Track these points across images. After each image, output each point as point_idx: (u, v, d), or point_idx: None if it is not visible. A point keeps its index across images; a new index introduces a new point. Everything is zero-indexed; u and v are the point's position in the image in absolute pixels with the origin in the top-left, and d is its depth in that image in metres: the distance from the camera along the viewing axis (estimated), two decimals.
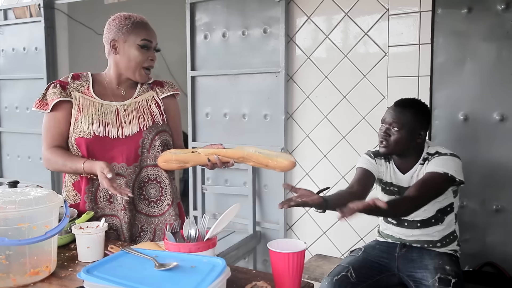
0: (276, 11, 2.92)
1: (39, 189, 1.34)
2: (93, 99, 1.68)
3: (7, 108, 4.16)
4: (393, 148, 1.99)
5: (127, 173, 1.66)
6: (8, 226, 1.20)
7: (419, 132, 2.00)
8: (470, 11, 2.39)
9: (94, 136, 1.62)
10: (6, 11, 4.06)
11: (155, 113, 1.72)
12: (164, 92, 1.77)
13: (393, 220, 2.11)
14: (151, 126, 1.68)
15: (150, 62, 1.70)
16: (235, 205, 1.28)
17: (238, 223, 3.16)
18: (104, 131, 1.63)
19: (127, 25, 1.67)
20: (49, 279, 1.27)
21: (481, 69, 2.39)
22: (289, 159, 1.53)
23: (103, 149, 1.63)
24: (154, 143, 1.68)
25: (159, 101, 1.75)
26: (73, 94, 1.68)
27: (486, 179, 2.03)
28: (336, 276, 1.95)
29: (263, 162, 1.53)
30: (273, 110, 3.00)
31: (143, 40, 1.67)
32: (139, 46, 1.66)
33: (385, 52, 2.62)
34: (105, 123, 1.64)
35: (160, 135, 1.70)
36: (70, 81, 1.71)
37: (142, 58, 1.68)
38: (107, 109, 1.67)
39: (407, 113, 1.99)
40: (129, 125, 1.66)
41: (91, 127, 1.63)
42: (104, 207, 1.68)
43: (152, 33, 1.71)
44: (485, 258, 2.39)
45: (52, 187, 3.88)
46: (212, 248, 1.21)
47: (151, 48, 1.69)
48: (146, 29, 1.69)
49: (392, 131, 1.99)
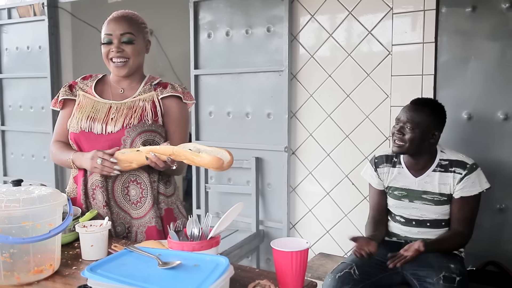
0: (279, 9, 2.92)
1: (43, 188, 1.34)
2: (93, 97, 1.74)
3: (11, 107, 4.17)
4: (407, 147, 1.99)
5: None
6: (12, 225, 1.20)
7: (433, 132, 2.01)
8: (474, 9, 2.38)
9: (80, 131, 1.68)
10: (10, 10, 4.07)
11: (146, 112, 1.69)
12: (163, 93, 1.73)
13: (401, 218, 2.11)
14: (135, 125, 1.66)
15: (112, 53, 1.69)
16: (238, 203, 1.28)
17: (241, 222, 3.16)
18: (90, 127, 1.67)
19: (104, 23, 1.73)
20: (53, 277, 1.27)
21: (485, 68, 2.38)
22: (214, 155, 1.44)
23: (88, 144, 1.68)
24: (135, 142, 1.65)
25: (156, 102, 1.72)
26: (78, 93, 1.77)
27: (490, 178, 2.02)
28: (339, 273, 1.95)
29: (189, 159, 1.48)
30: (277, 109, 2.99)
31: (104, 35, 1.70)
32: (101, 42, 1.71)
33: (389, 51, 2.62)
34: (92, 119, 1.68)
35: (144, 134, 1.66)
36: (79, 81, 1.81)
37: (105, 50, 1.70)
38: (101, 107, 1.71)
39: (422, 112, 1.99)
40: (113, 122, 1.67)
41: (80, 122, 1.68)
42: (91, 202, 1.71)
43: (115, 25, 1.69)
44: (489, 257, 2.38)
45: (56, 185, 3.89)
46: (215, 246, 1.22)
47: (112, 41, 1.69)
48: (110, 24, 1.70)
49: (406, 130, 1.98)
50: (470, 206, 1.99)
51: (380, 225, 2.14)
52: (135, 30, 1.71)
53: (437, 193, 2.01)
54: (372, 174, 2.16)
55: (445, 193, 2.00)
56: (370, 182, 2.19)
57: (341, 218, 2.85)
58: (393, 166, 2.11)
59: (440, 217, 2.04)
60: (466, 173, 1.97)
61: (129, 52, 1.69)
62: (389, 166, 2.11)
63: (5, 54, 4.15)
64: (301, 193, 3.00)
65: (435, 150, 2.04)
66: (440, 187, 2.00)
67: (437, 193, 2.01)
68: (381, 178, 2.14)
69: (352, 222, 2.81)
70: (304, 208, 2.99)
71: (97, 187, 1.67)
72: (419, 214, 2.05)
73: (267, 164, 3.07)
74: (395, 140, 2.01)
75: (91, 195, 1.70)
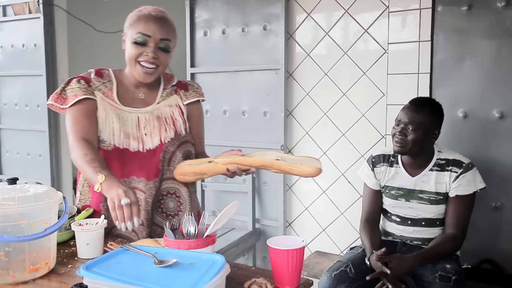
0: (276, 8, 2.91)
1: (38, 186, 1.34)
2: (114, 103, 1.57)
3: (6, 105, 4.15)
4: (410, 148, 1.98)
5: (147, 188, 1.56)
6: (7, 223, 1.20)
7: (433, 131, 2.01)
8: (470, 8, 2.39)
9: (114, 148, 1.53)
10: (5, 8, 4.05)
11: (178, 122, 1.61)
12: (188, 98, 1.66)
13: (396, 218, 2.11)
14: (173, 138, 1.57)
15: (145, 57, 1.51)
16: (234, 202, 1.28)
17: (237, 220, 3.16)
18: (125, 143, 1.53)
19: (132, 18, 1.54)
20: (49, 275, 1.27)
21: (481, 67, 2.39)
22: (313, 165, 1.43)
23: (122, 162, 1.54)
24: (175, 156, 1.58)
25: (182, 108, 1.64)
26: (95, 93, 1.57)
27: (486, 177, 2.03)
28: (335, 271, 1.96)
29: (286, 170, 1.44)
30: (273, 107, 2.99)
31: (138, 33, 1.50)
32: (133, 40, 1.51)
33: (385, 49, 2.62)
34: (125, 134, 1.53)
35: (182, 147, 1.60)
36: (94, 77, 1.59)
37: (136, 52, 1.51)
38: (127, 117, 1.55)
39: (422, 112, 1.99)
40: (149, 137, 1.55)
41: (112, 138, 1.53)
42: None
43: (157, 28, 1.50)
44: (484, 255, 2.40)
45: (52, 184, 3.88)
46: (211, 245, 1.21)
47: (149, 44, 1.51)
48: (148, 22, 1.50)
49: (408, 131, 1.98)
50: (464, 206, 2.00)
51: (375, 228, 2.14)
52: (172, 36, 1.56)
53: (434, 192, 2.01)
54: (368, 174, 2.16)
55: (441, 192, 2.00)
56: (366, 181, 2.19)
57: (337, 216, 2.86)
58: (390, 166, 2.11)
59: (435, 216, 2.04)
60: (462, 171, 1.97)
61: (162, 60, 1.54)
62: (386, 165, 2.11)
63: (0, 52, 4.13)
64: (297, 191, 3.00)
65: (432, 150, 2.05)
66: (437, 186, 2.01)
67: (433, 192, 2.01)
68: (377, 178, 2.14)
69: (348, 220, 2.81)
70: (300, 206, 3.00)
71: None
72: (414, 214, 2.06)
73: None
74: (397, 141, 1.99)
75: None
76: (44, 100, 3.86)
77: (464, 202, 1.99)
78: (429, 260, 1.93)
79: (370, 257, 1.94)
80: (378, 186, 2.15)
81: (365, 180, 2.20)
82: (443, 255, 1.96)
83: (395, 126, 2.04)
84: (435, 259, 1.94)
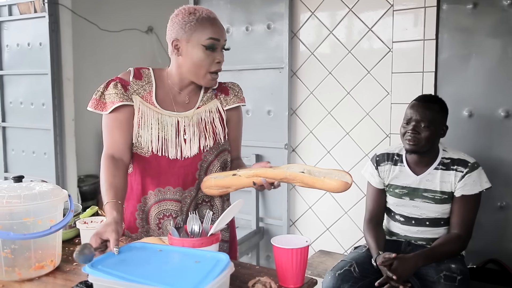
0: (280, 6, 2.91)
1: (44, 184, 1.35)
2: (154, 107, 1.49)
3: (12, 103, 4.17)
4: (423, 145, 1.97)
5: (182, 197, 1.53)
6: (13, 221, 1.21)
7: (442, 128, 2.03)
8: (476, 6, 2.38)
9: (151, 154, 1.47)
10: (10, 7, 4.07)
11: (218, 130, 1.54)
12: (229, 103, 1.59)
13: (400, 217, 2.11)
14: (212, 147, 1.52)
15: (217, 65, 1.46)
16: (238, 201, 1.28)
17: (241, 219, 3.16)
18: (163, 151, 1.47)
19: (191, 22, 1.43)
20: (54, 273, 1.27)
21: (486, 65, 2.38)
22: (340, 179, 1.33)
23: (159, 170, 1.49)
24: (213, 165, 1.54)
25: (223, 114, 1.58)
26: (134, 98, 1.49)
27: (491, 176, 2.02)
28: (339, 271, 1.95)
29: (309, 183, 1.36)
30: (277, 106, 2.99)
31: (209, 39, 1.42)
32: (204, 47, 1.42)
33: (390, 48, 2.62)
34: (164, 140, 1.47)
35: (220, 156, 1.55)
36: (132, 80, 1.50)
37: (208, 60, 1.44)
38: (167, 122, 1.49)
39: (433, 109, 1.99)
40: (188, 144, 1.49)
41: (150, 144, 1.47)
42: (154, 230, 1.55)
43: (220, 29, 1.46)
44: (489, 255, 2.39)
45: (57, 181, 3.90)
46: (215, 243, 1.22)
47: (218, 48, 1.45)
48: (213, 26, 1.44)
49: (421, 128, 1.97)
50: (470, 206, 1.99)
51: (379, 227, 2.14)
52: None
53: (439, 191, 2.01)
54: (372, 173, 2.16)
55: (446, 191, 2.00)
56: (369, 180, 2.19)
57: (341, 215, 2.85)
58: (395, 164, 2.10)
59: (439, 216, 2.04)
60: (468, 171, 1.97)
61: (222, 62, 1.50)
62: (391, 164, 2.11)
63: (5, 50, 4.16)
64: (301, 190, 3.00)
65: (437, 148, 2.04)
66: (442, 185, 2.00)
67: (438, 191, 2.01)
68: (381, 177, 2.13)
69: (352, 219, 2.81)
70: (304, 205, 3.00)
71: (168, 217, 1.52)
72: (419, 213, 2.05)
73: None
74: (410, 139, 1.97)
75: (156, 223, 1.54)
76: (49, 99, 3.88)
77: (470, 202, 1.99)
78: (432, 259, 1.92)
79: (377, 258, 1.94)
80: (382, 185, 2.15)
81: (368, 179, 2.19)
82: (447, 255, 1.95)
83: (404, 125, 2.03)
84: (439, 258, 1.94)
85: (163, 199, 1.52)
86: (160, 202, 1.52)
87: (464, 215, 1.99)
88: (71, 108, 4.02)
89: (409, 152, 2.03)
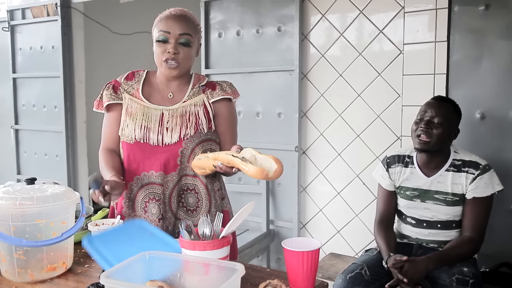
0: (290, 9, 2.91)
1: (56, 186, 1.36)
2: (141, 101, 1.65)
3: (25, 106, 4.21)
4: (434, 143, 1.95)
5: (164, 181, 1.61)
6: (26, 222, 1.22)
7: (454, 130, 2.02)
8: (488, 8, 2.36)
9: (135, 142, 1.61)
10: (24, 10, 4.12)
11: (201, 120, 1.62)
12: (214, 96, 1.66)
13: (412, 220, 2.10)
14: (192, 135, 1.60)
15: (168, 54, 1.57)
16: (249, 203, 1.28)
17: (251, 221, 3.16)
18: (145, 137, 1.60)
19: (155, 20, 1.63)
20: (66, 275, 1.28)
21: (498, 67, 2.36)
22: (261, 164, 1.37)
23: (143, 156, 1.61)
24: (194, 153, 1.61)
25: (208, 106, 1.65)
26: (123, 96, 1.67)
27: (503, 179, 2.00)
28: (350, 274, 1.94)
29: (238, 168, 1.41)
30: (287, 108, 2.99)
31: (159, 31, 1.58)
32: (156, 39, 1.60)
33: (401, 50, 2.60)
34: (146, 129, 1.60)
35: (202, 144, 1.62)
36: (123, 81, 1.69)
37: (160, 50, 1.58)
38: (152, 113, 1.62)
39: (447, 108, 1.99)
40: (170, 132, 1.60)
41: (133, 132, 1.61)
42: (140, 215, 1.64)
43: (174, 23, 1.58)
44: (502, 258, 2.36)
45: (68, 184, 3.93)
46: (226, 246, 1.22)
47: (168, 40, 1.57)
48: (167, 20, 1.59)
49: (434, 124, 1.96)
50: (482, 208, 1.97)
51: (390, 229, 2.13)
52: (193, 31, 1.61)
53: (450, 193, 1.99)
54: (383, 174, 2.15)
55: (458, 193, 1.98)
56: (380, 182, 2.18)
57: (352, 218, 2.84)
58: (405, 166, 2.09)
59: (451, 218, 2.02)
60: (479, 173, 1.95)
61: (184, 54, 1.59)
62: (401, 166, 2.10)
63: (19, 54, 4.20)
64: (312, 192, 2.99)
65: (448, 150, 2.03)
66: (453, 187, 1.98)
67: (449, 193, 1.99)
68: (392, 179, 2.12)
69: (363, 222, 2.79)
70: (314, 208, 2.99)
71: (152, 200, 1.62)
72: (430, 215, 2.04)
73: None
74: (421, 135, 1.96)
75: (142, 207, 1.63)
76: (61, 101, 3.92)
77: (482, 204, 1.97)
78: (444, 262, 1.90)
79: (387, 260, 1.92)
80: (393, 187, 2.14)
81: (379, 181, 2.18)
82: (460, 258, 1.93)
83: (417, 121, 2.01)
84: (451, 261, 1.92)
85: (148, 183, 1.62)
86: (145, 186, 1.62)
87: (476, 217, 1.96)
88: (82, 111, 4.05)
89: (419, 151, 2.02)
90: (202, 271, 1.09)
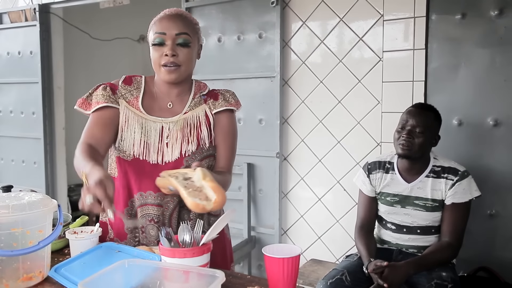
0: (271, 16, 2.93)
1: (33, 194, 1.33)
2: (139, 112, 1.50)
3: (2, 112, 4.14)
4: (415, 151, 1.99)
5: (164, 202, 1.49)
6: (1, 231, 1.19)
7: (435, 137, 2.06)
8: (464, 16, 2.41)
9: (133, 159, 1.47)
10: (1, 15, 4.06)
11: (203, 134, 1.50)
12: (216, 107, 1.54)
13: (392, 225, 2.12)
14: (194, 152, 1.48)
15: (166, 58, 1.44)
16: (229, 210, 1.28)
17: (233, 228, 3.13)
18: (144, 155, 1.46)
19: (151, 22, 1.49)
20: (43, 284, 1.26)
21: (475, 75, 2.41)
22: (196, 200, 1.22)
23: (140, 175, 1.47)
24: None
25: (210, 118, 1.53)
26: (120, 102, 1.51)
27: (481, 184, 2.04)
28: (330, 280, 1.95)
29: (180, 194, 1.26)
30: (268, 114, 3.00)
31: (155, 34, 1.44)
32: (152, 43, 1.46)
33: (380, 57, 2.64)
34: (146, 145, 1.46)
35: (204, 161, 1.50)
36: (121, 85, 1.53)
37: (157, 55, 1.45)
38: (151, 127, 1.48)
39: (428, 116, 2.03)
40: (170, 149, 1.46)
41: (132, 148, 1.46)
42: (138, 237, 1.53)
43: (169, 23, 1.44)
44: (480, 263, 2.39)
45: (46, 191, 3.87)
46: (207, 253, 1.21)
47: (165, 42, 1.44)
48: (161, 21, 1.46)
49: (416, 133, 1.99)
50: (460, 214, 2.00)
51: (370, 235, 2.15)
52: (191, 31, 1.48)
53: (430, 199, 2.02)
54: (364, 181, 2.17)
55: (437, 199, 2.01)
56: (361, 188, 2.20)
57: (333, 224, 2.86)
58: (386, 172, 2.11)
59: (430, 224, 2.05)
60: (458, 179, 1.98)
61: (183, 56, 1.45)
62: (382, 172, 2.12)
63: None
64: (293, 199, 3.00)
65: (428, 157, 2.06)
66: (432, 192, 2.01)
67: (429, 199, 2.02)
68: (373, 184, 2.14)
69: (344, 228, 2.81)
70: (296, 214, 3.00)
71: (150, 222, 1.49)
72: (410, 221, 2.06)
73: (259, 170, 3.07)
74: (403, 144, 1.99)
75: (140, 227, 1.51)
76: (39, 108, 3.86)
77: (460, 210, 2.00)
78: (423, 267, 1.93)
79: (368, 266, 1.94)
80: (374, 193, 2.16)
81: (360, 187, 2.20)
82: (439, 263, 1.96)
83: (399, 129, 2.04)
84: (430, 266, 1.94)
85: (145, 204, 1.49)
86: (142, 206, 1.50)
87: (455, 223, 2.00)
88: (61, 117, 4.00)
89: (401, 157, 2.04)
90: (182, 278, 1.08)
